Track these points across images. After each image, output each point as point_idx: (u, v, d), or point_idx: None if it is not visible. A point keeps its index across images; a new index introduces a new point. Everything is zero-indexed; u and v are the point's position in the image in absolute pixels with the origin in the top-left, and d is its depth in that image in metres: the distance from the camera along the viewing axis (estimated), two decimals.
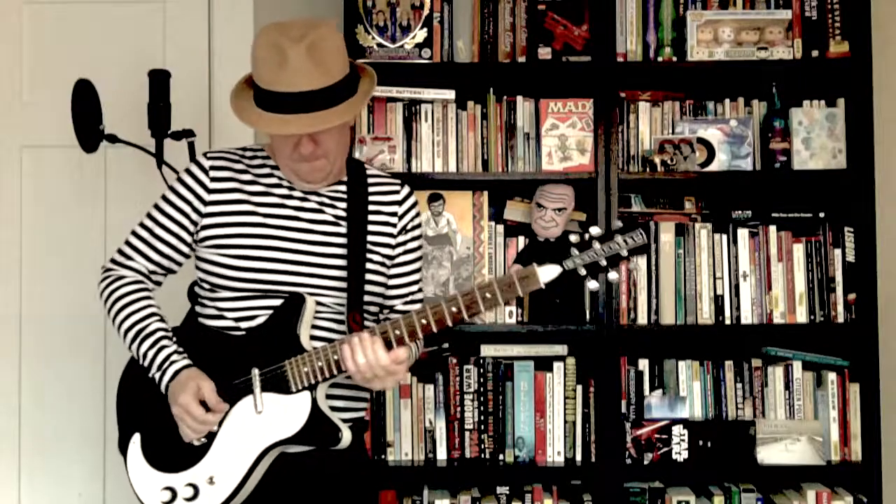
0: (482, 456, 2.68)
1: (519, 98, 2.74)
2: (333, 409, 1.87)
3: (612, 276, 1.74)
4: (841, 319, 2.69)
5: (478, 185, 2.72)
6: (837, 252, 2.71)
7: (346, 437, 1.83)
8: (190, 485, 1.85)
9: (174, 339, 1.91)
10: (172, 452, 1.88)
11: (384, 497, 2.65)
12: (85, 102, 2.51)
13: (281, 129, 1.81)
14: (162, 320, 1.92)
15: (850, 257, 2.70)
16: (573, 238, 1.72)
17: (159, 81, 2.57)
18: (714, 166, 2.72)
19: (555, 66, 2.70)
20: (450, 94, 2.73)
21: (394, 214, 2.00)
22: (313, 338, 1.87)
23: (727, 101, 2.78)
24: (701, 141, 2.72)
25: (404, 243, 2.01)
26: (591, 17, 2.70)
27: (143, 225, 1.97)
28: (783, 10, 2.72)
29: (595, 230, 1.73)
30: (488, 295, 1.76)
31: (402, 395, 2.67)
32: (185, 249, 1.96)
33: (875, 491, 2.60)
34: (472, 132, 2.74)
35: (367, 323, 1.90)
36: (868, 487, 2.61)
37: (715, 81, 2.77)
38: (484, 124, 2.74)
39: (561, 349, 2.73)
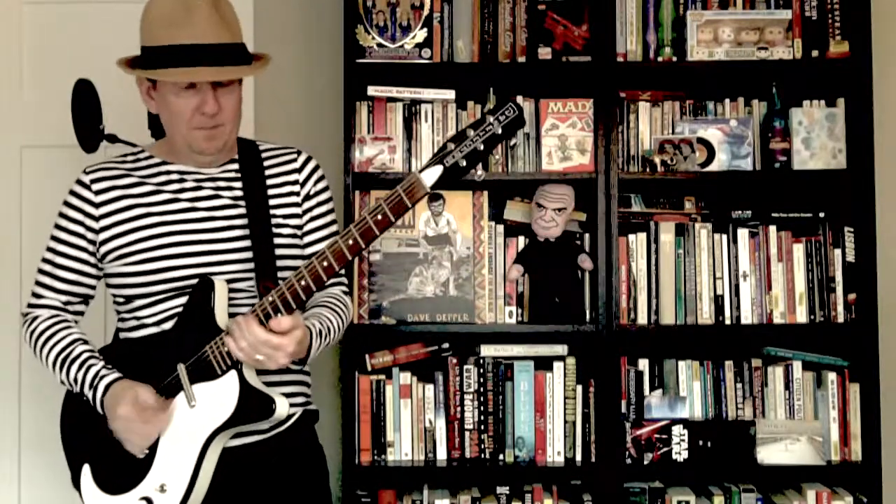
0: (482, 456, 2.68)
1: (519, 98, 2.73)
2: None
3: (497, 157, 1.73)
4: (841, 319, 2.69)
5: (478, 185, 2.71)
6: (837, 252, 2.71)
7: (281, 406, 1.79)
8: (143, 498, 1.83)
9: (101, 357, 1.88)
10: (121, 473, 1.86)
11: (384, 497, 2.65)
12: (85, 102, 2.50)
13: (189, 76, 1.80)
14: (86, 343, 1.90)
15: (850, 257, 2.70)
16: (449, 135, 1.71)
17: None
18: (714, 166, 2.72)
19: (555, 66, 2.70)
20: (450, 94, 2.73)
21: (295, 183, 1.98)
22: None
23: (727, 101, 2.78)
24: (701, 141, 2.72)
25: (310, 209, 1.99)
26: (591, 17, 2.70)
27: (45, 259, 1.94)
28: (783, 10, 2.71)
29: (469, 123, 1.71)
30: (380, 217, 1.71)
31: (402, 395, 2.67)
32: (93, 271, 1.94)
33: (875, 491, 2.60)
34: None
35: None
36: (868, 487, 2.61)
37: (715, 81, 2.77)
38: None
39: (561, 349, 2.73)
